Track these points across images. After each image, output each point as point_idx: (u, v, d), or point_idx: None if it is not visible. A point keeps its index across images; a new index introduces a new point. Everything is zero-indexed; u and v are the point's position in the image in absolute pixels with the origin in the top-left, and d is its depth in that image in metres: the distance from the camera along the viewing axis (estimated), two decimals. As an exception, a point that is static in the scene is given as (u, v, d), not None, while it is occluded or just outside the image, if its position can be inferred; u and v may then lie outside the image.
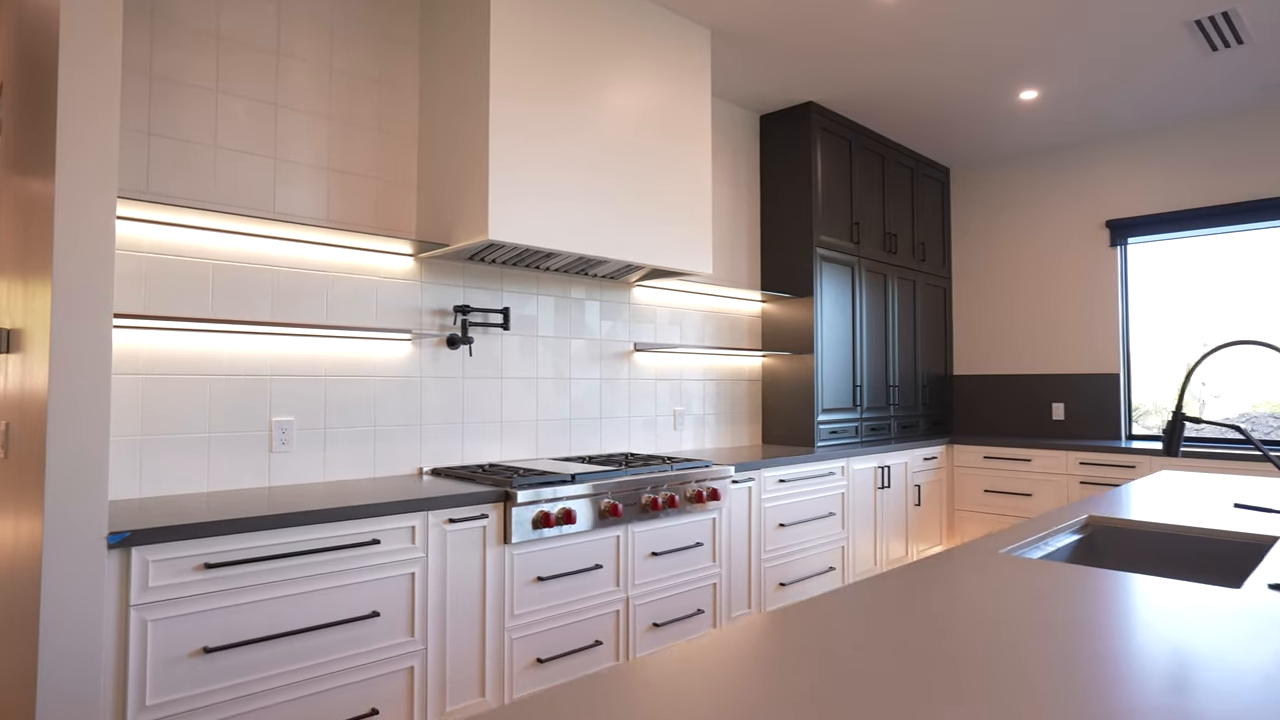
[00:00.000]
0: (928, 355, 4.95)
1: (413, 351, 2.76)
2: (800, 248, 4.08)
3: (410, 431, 2.73)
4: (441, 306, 2.84)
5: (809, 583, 3.53)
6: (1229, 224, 4.17)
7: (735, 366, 4.09)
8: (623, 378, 3.48)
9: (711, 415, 3.93)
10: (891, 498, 4.13)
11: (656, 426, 3.64)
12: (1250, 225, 4.14)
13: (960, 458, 4.60)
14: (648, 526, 2.77)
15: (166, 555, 1.72)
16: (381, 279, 2.68)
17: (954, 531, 4.61)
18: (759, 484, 3.30)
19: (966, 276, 5.16)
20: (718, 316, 4.00)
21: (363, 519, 2.04)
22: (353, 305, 2.61)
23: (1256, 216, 4.08)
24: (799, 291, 4.08)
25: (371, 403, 2.64)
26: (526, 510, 2.37)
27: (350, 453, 2.58)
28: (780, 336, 4.17)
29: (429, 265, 2.81)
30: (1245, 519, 1.86)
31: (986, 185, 5.06)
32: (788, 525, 3.41)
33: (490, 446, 2.97)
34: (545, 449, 3.16)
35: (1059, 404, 4.70)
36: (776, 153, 4.19)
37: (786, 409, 4.11)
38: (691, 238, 3.18)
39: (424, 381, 2.78)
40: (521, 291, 3.10)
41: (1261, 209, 4.06)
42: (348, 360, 2.59)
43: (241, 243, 2.36)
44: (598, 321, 3.38)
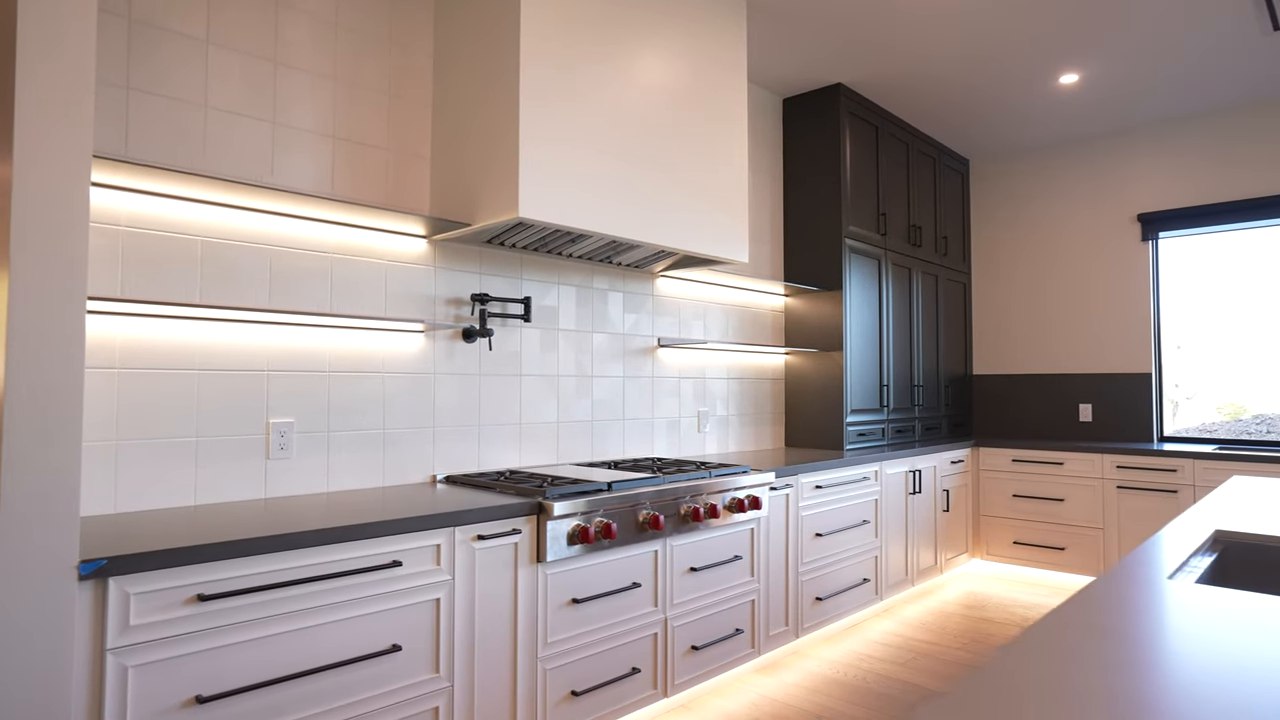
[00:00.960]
0: (949, 354, 4.74)
1: (425, 345, 2.46)
2: (828, 239, 3.85)
3: (422, 434, 2.44)
4: (457, 295, 2.55)
5: (844, 596, 3.29)
6: (1271, 218, 4.01)
7: (758, 364, 3.84)
8: (646, 375, 3.21)
9: (735, 416, 3.67)
10: (921, 504, 3.91)
11: (680, 429, 3.37)
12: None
13: (986, 461, 4.40)
14: (687, 539, 2.51)
15: (151, 586, 1.41)
16: (390, 263, 2.39)
17: (979, 538, 4.40)
18: (796, 491, 3.05)
19: (987, 272, 4.96)
20: (740, 310, 3.74)
21: (383, 538, 1.75)
22: (359, 292, 2.31)
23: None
24: (827, 285, 3.83)
25: (380, 402, 2.34)
26: (562, 524, 2.09)
27: (356, 459, 2.28)
28: (804, 333, 3.92)
29: (443, 249, 2.52)
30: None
31: (1010, 177, 4.87)
32: (824, 535, 3.16)
33: (508, 451, 2.68)
34: (566, 453, 2.88)
35: (1087, 405, 4.52)
36: (802, 138, 3.95)
37: (812, 410, 3.86)
38: (727, 222, 2.92)
39: (437, 379, 2.49)
40: (542, 280, 2.81)
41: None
42: (354, 354, 2.29)
43: (234, 217, 2.06)
44: (620, 314, 3.11)
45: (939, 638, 3.31)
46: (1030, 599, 3.89)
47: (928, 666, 2.98)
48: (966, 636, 3.32)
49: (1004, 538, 4.31)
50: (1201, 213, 4.17)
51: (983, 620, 3.55)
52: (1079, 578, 4.17)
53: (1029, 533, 4.22)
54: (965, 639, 3.28)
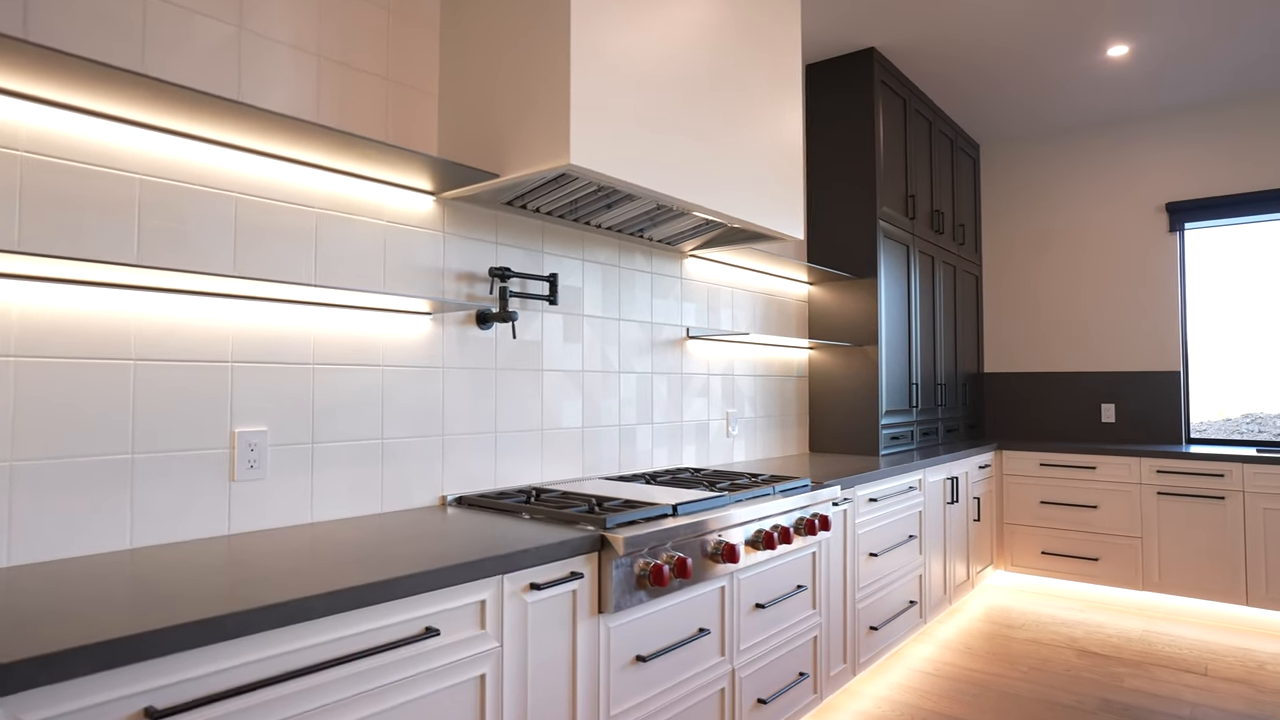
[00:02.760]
0: (964, 350, 4.43)
1: (433, 330, 1.94)
2: (860, 221, 3.46)
3: (429, 444, 1.92)
4: (469, 269, 2.03)
5: (894, 624, 2.90)
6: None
7: (784, 360, 3.42)
8: (674, 371, 2.75)
9: (761, 419, 3.25)
10: (956, 514, 3.56)
11: (709, 433, 2.92)
12: (1325, 210, 3.80)
13: (1011, 465, 4.10)
14: (754, 570, 2.06)
15: (67, 706, 0.88)
16: (390, 225, 1.86)
17: (1004, 549, 4.10)
18: (854, 506, 2.63)
19: (999, 264, 4.68)
20: (767, 299, 3.32)
21: (413, 597, 1.24)
22: (350, 260, 1.77)
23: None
24: (859, 271, 3.44)
25: (378, 403, 1.81)
26: (629, 563, 1.61)
27: (348, 477, 1.74)
28: (829, 325, 3.53)
29: (454, 210, 2.00)
30: None
31: (1026, 164, 4.59)
32: (877, 555, 2.76)
33: (529, 464, 2.18)
34: (592, 465, 2.39)
35: (1109, 405, 4.27)
36: (830, 108, 3.55)
37: (841, 410, 3.47)
38: (782, 193, 2.48)
39: (447, 374, 1.97)
40: (566, 255, 2.32)
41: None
42: (345, 341, 1.75)
43: (187, 151, 1.50)
44: (649, 299, 2.64)
45: (989, 664, 2.95)
46: (1068, 614, 3.59)
47: (995, 705, 2.61)
48: (1023, 663, 2.97)
49: (1031, 547, 4.02)
50: (1233, 202, 3.96)
51: (1032, 643, 3.22)
52: (1115, 590, 3.90)
53: (1058, 542, 3.94)
54: (1022, 665, 2.94)
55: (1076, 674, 2.89)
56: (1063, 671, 2.91)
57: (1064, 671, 2.91)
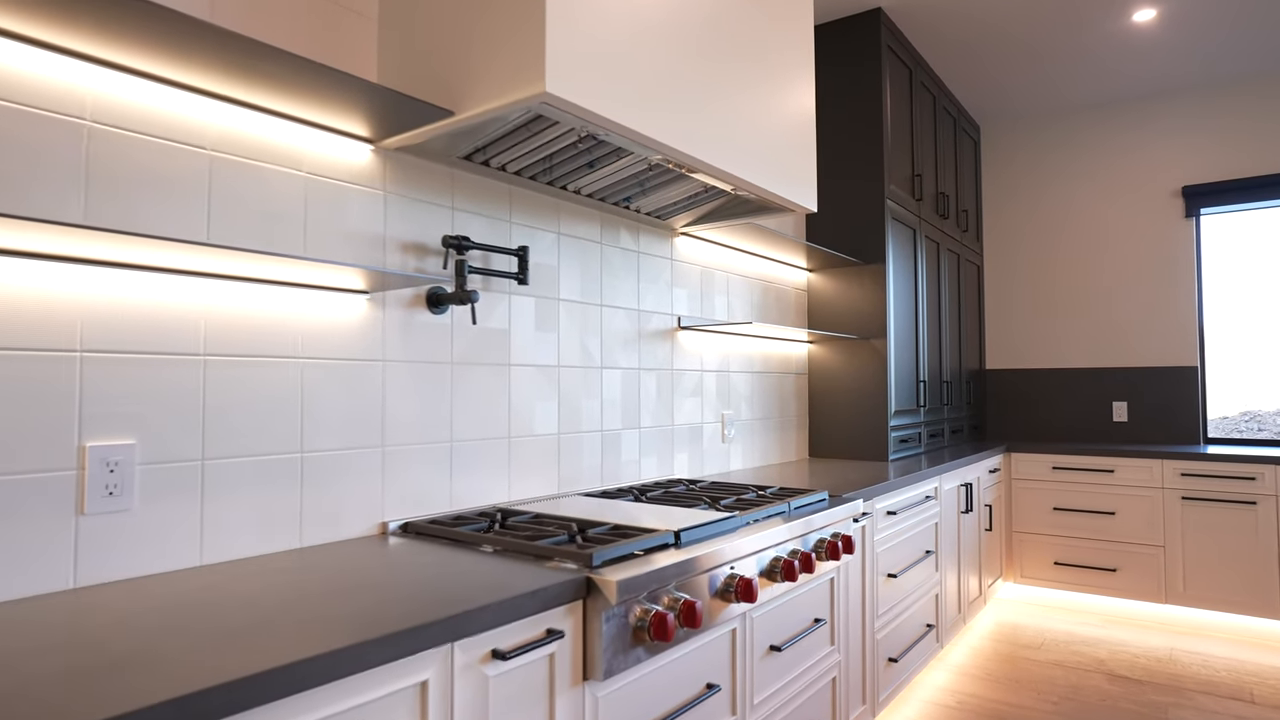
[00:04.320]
0: (968, 345, 4.13)
1: (370, 314, 1.54)
2: (866, 200, 3.12)
3: (365, 458, 1.52)
4: (418, 239, 1.64)
5: (912, 653, 2.56)
6: (1329, 192, 3.58)
7: (782, 355, 3.06)
8: (664, 367, 2.38)
9: (758, 421, 2.89)
10: (970, 523, 3.24)
11: (703, 438, 2.55)
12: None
13: (1021, 469, 3.79)
14: (770, 606, 1.69)
15: None
16: (312, 178, 1.46)
17: (1014, 559, 3.79)
18: (872, 521, 2.28)
19: (1001, 254, 4.38)
20: (764, 286, 2.96)
21: (317, 688, 0.85)
22: (259, 218, 1.37)
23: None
24: (866, 256, 3.10)
25: (296, 406, 1.41)
26: (623, 612, 1.23)
27: (255, 503, 1.34)
28: (832, 316, 3.18)
29: (399, 164, 1.60)
30: None
31: (1032, 146, 4.30)
32: (896, 575, 2.42)
33: (493, 478, 1.79)
34: (571, 477, 2.01)
35: (1121, 403, 3.99)
36: (833, 74, 3.20)
37: (845, 411, 3.13)
38: (793, 158, 2.12)
39: (389, 370, 1.58)
40: (538, 227, 1.93)
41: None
42: (250, 325, 1.35)
43: (11, 55, 1.09)
44: (635, 282, 2.26)
45: (1015, 694, 2.62)
46: (1087, 631, 3.29)
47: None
48: (1051, 691, 2.65)
49: (1042, 558, 3.72)
50: (1254, 185, 3.70)
51: (1055, 666, 2.90)
52: (1135, 604, 3.62)
53: (1073, 551, 3.64)
54: (1051, 695, 2.61)
55: (1113, 704, 2.57)
56: (1098, 702, 2.59)
57: (1099, 702, 2.59)
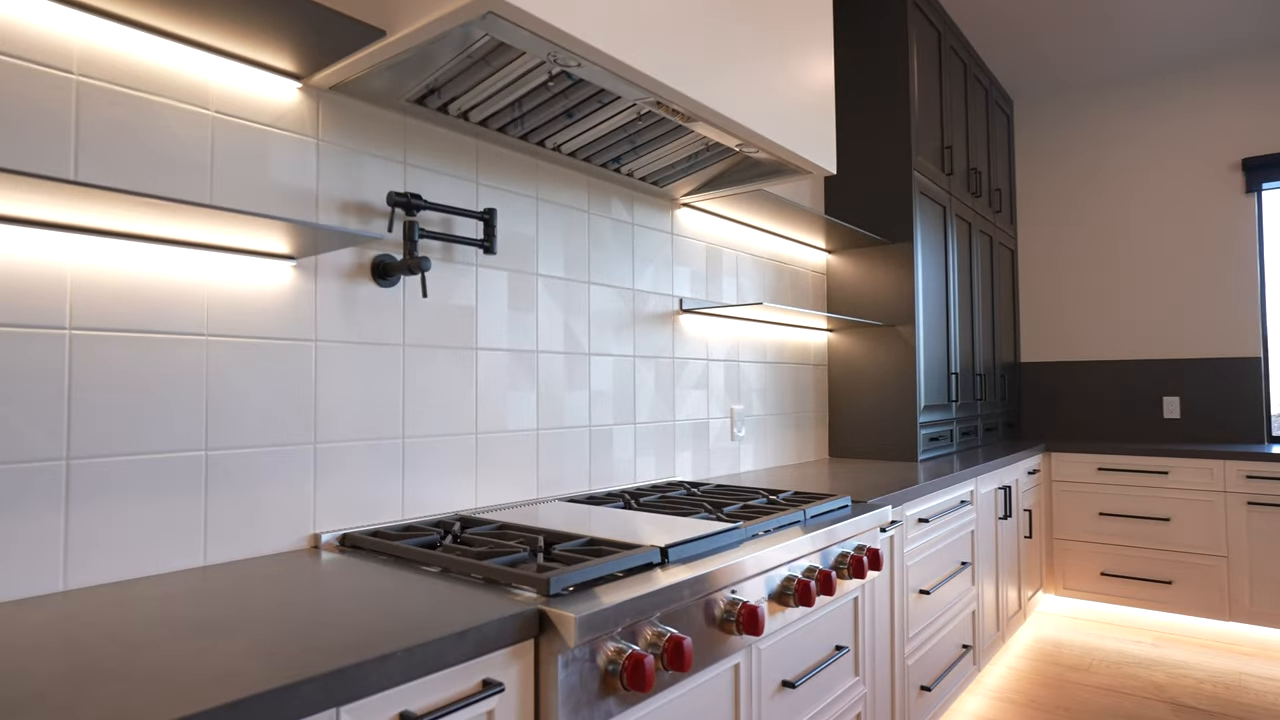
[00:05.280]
0: (1002, 336, 3.81)
1: (299, 285, 1.29)
2: (892, 173, 2.82)
3: (292, 459, 1.27)
4: (361, 197, 1.38)
5: (947, 679, 2.26)
6: None
7: (799, 344, 2.78)
8: (664, 355, 2.11)
9: (773, 416, 2.61)
10: (1008, 530, 2.93)
11: (710, 435, 2.28)
12: None
13: (1063, 470, 3.47)
14: (780, 635, 1.42)
15: None
16: (218, 117, 1.20)
17: (1054, 570, 3.47)
18: (902, 531, 2.00)
19: (1036, 237, 4.06)
20: (778, 268, 2.68)
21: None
22: (147, 165, 1.12)
23: None
24: (892, 234, 2.81)
25: (200, 395, 1.16)
26: (588, 655, 0.96)
27: (144, 513, 1.09)
28: (854, 302, 2.89)
29: (337, 109, 1.35)
30: None
31: (1072, 121, 3.97)
32: (928, 592, 2.13)
33: (455, 480, 1.53)
34: (552, 479, 1.74)
35: (1173, 398, 3.65)
36: (853, 29, 2.91)
37: (869, 406, 2.83)
38: (808, 107, 1.83)
39: (323, 352, 1.32)
40: (512, 190, 1.67)
41: None
42: (136, 292, 1.10)
43: None
44: (629, 259, 1.99)
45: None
46: (1139, 650, 2.97)
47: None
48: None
49: (1087, 568, 3.39)
50: (1324, 158, 3.35)
51: (1109, 692, 2.59)
52: (1193, 620, 3.28)
53: (1121, 561, 3.31)
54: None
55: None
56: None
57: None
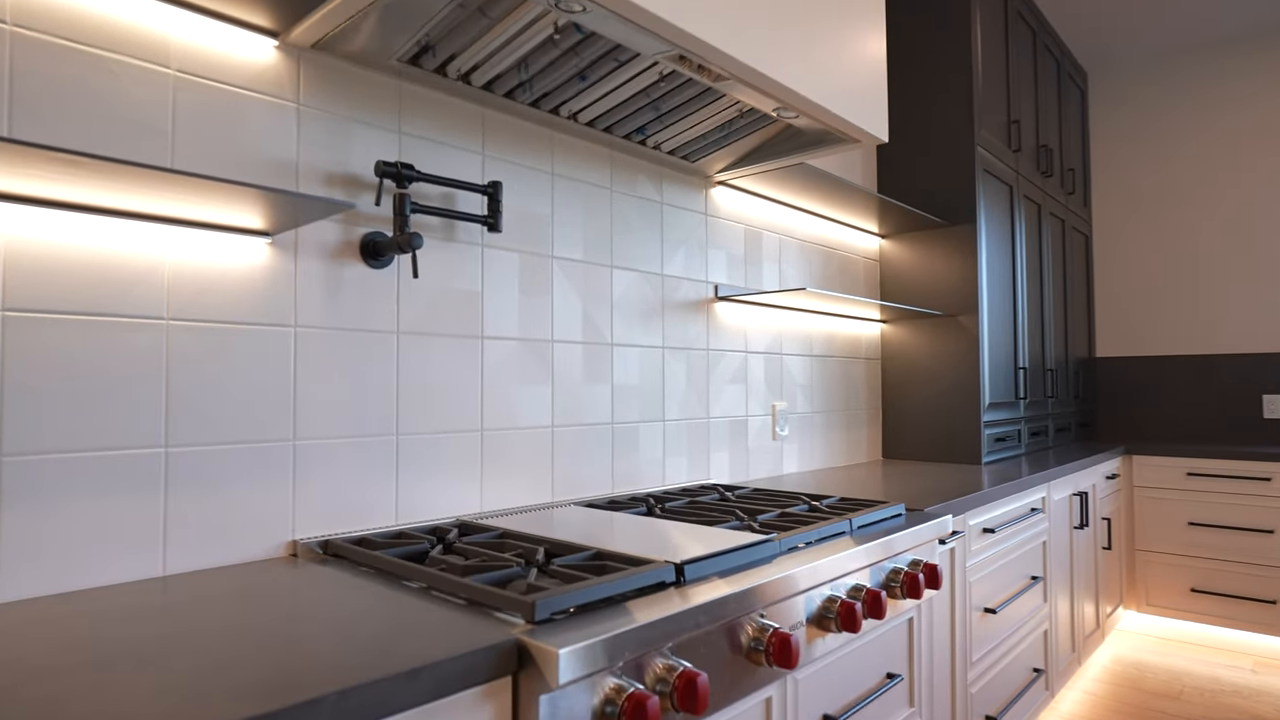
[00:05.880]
0: (1075, 328, 3.50)
1: (274, 265, 1.16)
2: (952, 148, 2.59)
3: (267, 455, 1.14)
4: (349, 169, 1.25)
5: (1016, 708, 2.03)
6: None
7: (850, 335, 2.57)
8: (697, 346, 1.93)
9: (820, 415, 2.40)
10: (1084, 541, 2.66)
11: (749, 434, 2.10)
12: None
13: (1146, 475, 3.16)
14: (821, 663, 1.23)
15: None
16: (180, 76, 1.08)
17: (1137, 584, 3.16)
18: (964, 542, 1.78)
19: (1114, 221, 3.73)
20: (826, 253, 2.47)
21: None
22: (97, 127, 1.00)
23: None
24: (952, 215, 2.57)
25: (157, 384, 1.04)
26: (585, 693, 0.80)
27: (93, 516, 0.97)
28: (911, 290, 2.66)
29: (319, 70, 1.22)
30: None
31: (1155, 94, 3.63)
32: (995, 610, 1.90)
33: (460, 484, 1.39)
34: (568, 481, 1.59)
35: (1274, 396, 3.30)
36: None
37: (926, 402, 2.60)
38: (858, 69, 1.64)
39: (303, 339, 1.19)
40: (524, 164, 1.52)
41: None
42: (81, 271, 0.98)
43: None
44: (657, 241, 1.83)
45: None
46: (1237, 678, 2.66)
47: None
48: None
49: (1174, 583, 3.08)
50: None
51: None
52: (1295, 642, 2.95)
53: (1215, 577, 2.99)
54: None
55: (1291, 784, 1.98)
56: (1268, 779, 2.00)
57: (1270, 779, 2.00)
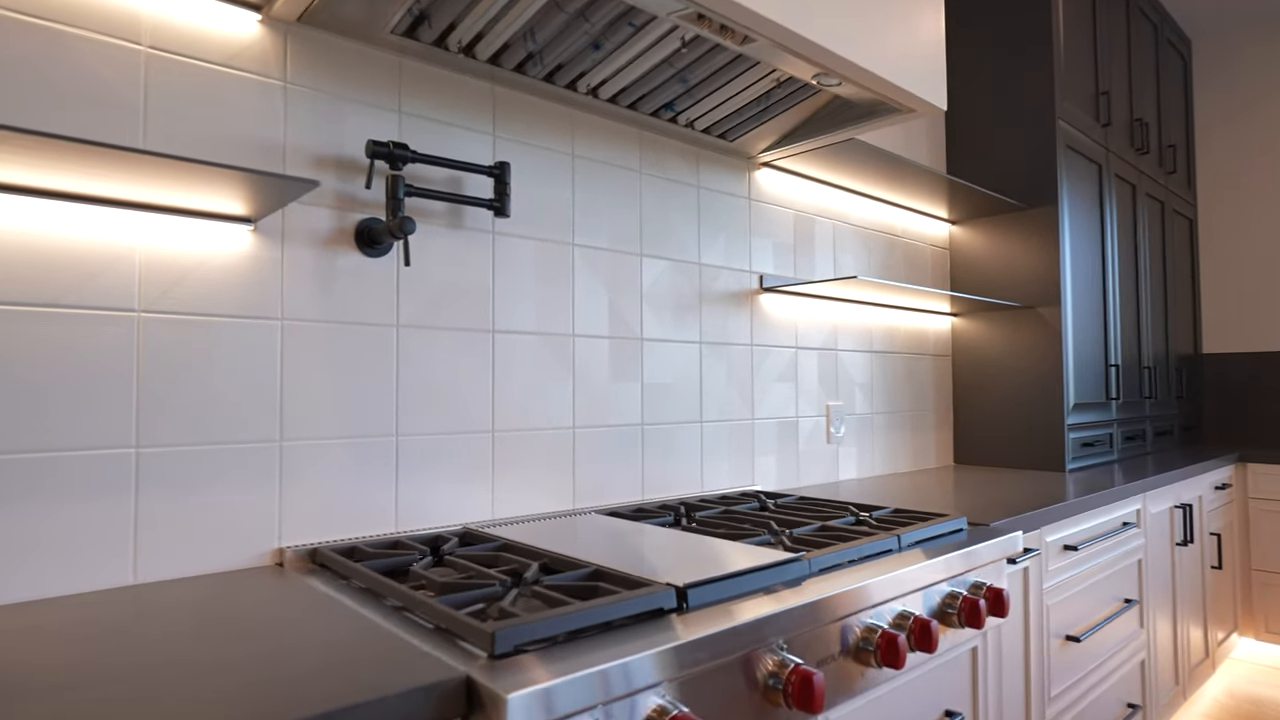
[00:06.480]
0: (1177, 322, 3.17)
1: (258, 253, 1.09)
2: (1031, 122, 2.35)
3: (252, 456, 1.07)
4: (345, 152, 1.17)
5: (1106, 745, 1.80)
6: None
7: (915, 330, 2.37)
8: (739, 341, 1.79)
9: (882, 416, 2.21)
10: (1188, 559, 2.37)
11: (799, 436, 1.93)
12: None
13: (1262, 485, 2.82)
14: (860, 699, 1.07)
15: None
16: (157, 55, 1.02)
17: (1254, 609, 2.82)
18: (1040, 560, 1.58)
19: (1223, 203, 3.36)
20: (888, 241, 2.28)
21: None
22: (57, 108, 0.95)
23: None
24: (1029, 197, 2.34)
25: (127, 379, 0.98)
26: (543, 743, 0.68)
27: (45, 521, 0.92)
28: (985, 280, 2.44)
29: (310, 46, 1.15)
30: None
31: (1268, 64, 3.25)
32: (1079, 638, 1.68)
33: (470, 488, 1.29)
34: (591, 486, 1.48)
35: None
36: (977, -34, 2.47)
37: (1002, 404, 2.37)
38: (909, 25, 1.46)
39: (290, 332, 1.12)
40: (540, 146, 1.41)
41: None
42: (42, 258, 0.93)
43: None
44: (694, 228, 1.69)
45: (1284, 823, 1.78)
46: (1379, 721, 2.31)
47: None
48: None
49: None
50: None
51: (1336, 776, 2.00)
52: None
53: (1347, 602, 2.63)
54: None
55: None
56: None
57: None
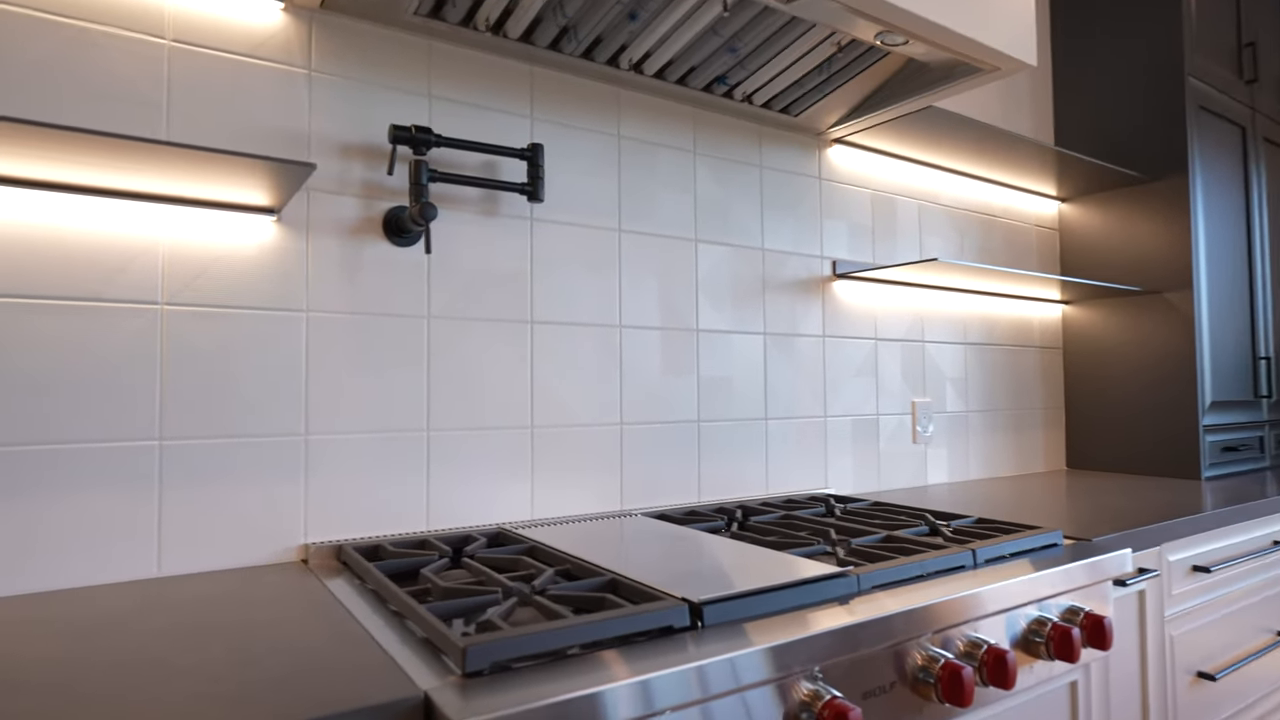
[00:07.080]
0: (1346, 308, 2.73)
1: (282, 244, 1.07)
2: (1155, 80, 2.07)
3: (276, 450, 1.05)
4: (367, 137, 1.14)
5: (1249, 799, 1.54)
6: None
7: (1017, 319, 2.14)
8: (809, 333, 1.65)
9: (978, 415, 2.01)
10: (1358, 585, 2.02)
11: (879, 435, 1.77)
12: None
13: None
14: (924, 740, 0.93)
15: None
16: (180, 48, 1.02)
17: None
18: (1161, 583, 1.36)
19: (1407, 170, 2.87)
20: (985, 222, 2.07)
21: None
22: (84, 103, 0.96)
23: None
24: (1156, 169, 2.06)
25: (150, 373, 0.98)
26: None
27: (71, 513, 0.93)
28: (1102, 263, 2.17)
29: (333, 31, 1.12)
30: None
31: None
32: (1215, 677, 1.44)
33: (506, 486, 1.24)
34: (639, 487, 1.39)
35: None
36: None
37: (1124, 402, 2.11)
38: (992, -26, 1.29)
39: (315, 325, 1.10)
40: (582, 128, 1.34)
41: None
42: (69, 251, 0.94)
43: None
44: (756, 212, 1.57)
45: None
46: None
47: None
48: None
49: None
50: None
51: None
52: None
53: None
54: None
55: None
56: None
57: None
